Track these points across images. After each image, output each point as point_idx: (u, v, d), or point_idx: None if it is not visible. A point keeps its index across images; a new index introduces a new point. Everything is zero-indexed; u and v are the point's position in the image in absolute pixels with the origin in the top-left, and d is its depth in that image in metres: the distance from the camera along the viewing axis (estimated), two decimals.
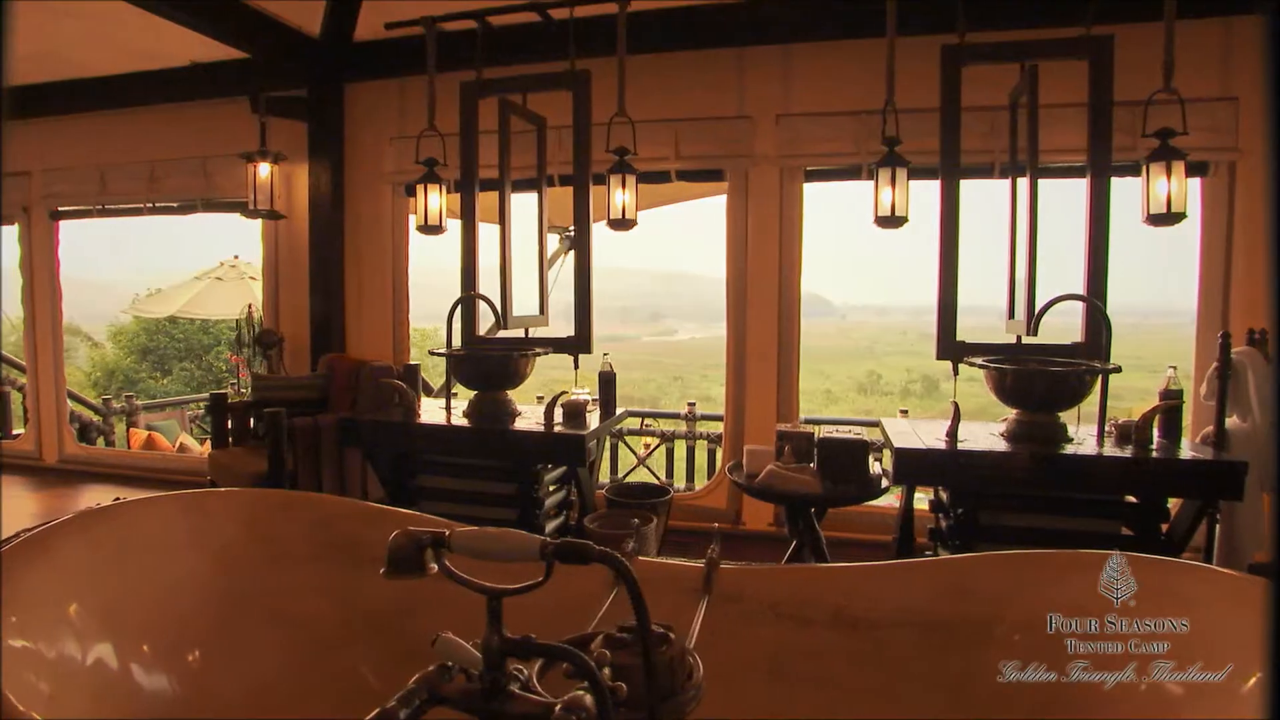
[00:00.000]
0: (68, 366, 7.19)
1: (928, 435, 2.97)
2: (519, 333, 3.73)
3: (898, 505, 3.43)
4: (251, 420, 3.96)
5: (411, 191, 4.40)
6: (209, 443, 7.05)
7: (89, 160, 5.30)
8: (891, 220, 3.30)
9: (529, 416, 3.33)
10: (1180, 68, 2.91)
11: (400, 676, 1.94)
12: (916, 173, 3.30)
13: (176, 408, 9.00)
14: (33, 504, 4.92)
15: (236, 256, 8.64)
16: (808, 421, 3.88)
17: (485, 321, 3.72)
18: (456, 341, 3.43)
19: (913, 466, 2.82)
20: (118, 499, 2.53)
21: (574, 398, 3.24)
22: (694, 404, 5.58)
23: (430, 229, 3.81)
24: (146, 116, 5.15)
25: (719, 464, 5.49)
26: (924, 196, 3.45)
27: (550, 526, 3.30)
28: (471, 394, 3.42)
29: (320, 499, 2.05)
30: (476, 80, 3.75)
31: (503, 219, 3.67)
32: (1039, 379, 2.86)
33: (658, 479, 5.49)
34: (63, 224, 5.54)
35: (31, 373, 5.71)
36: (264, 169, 4.40)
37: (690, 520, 3.92)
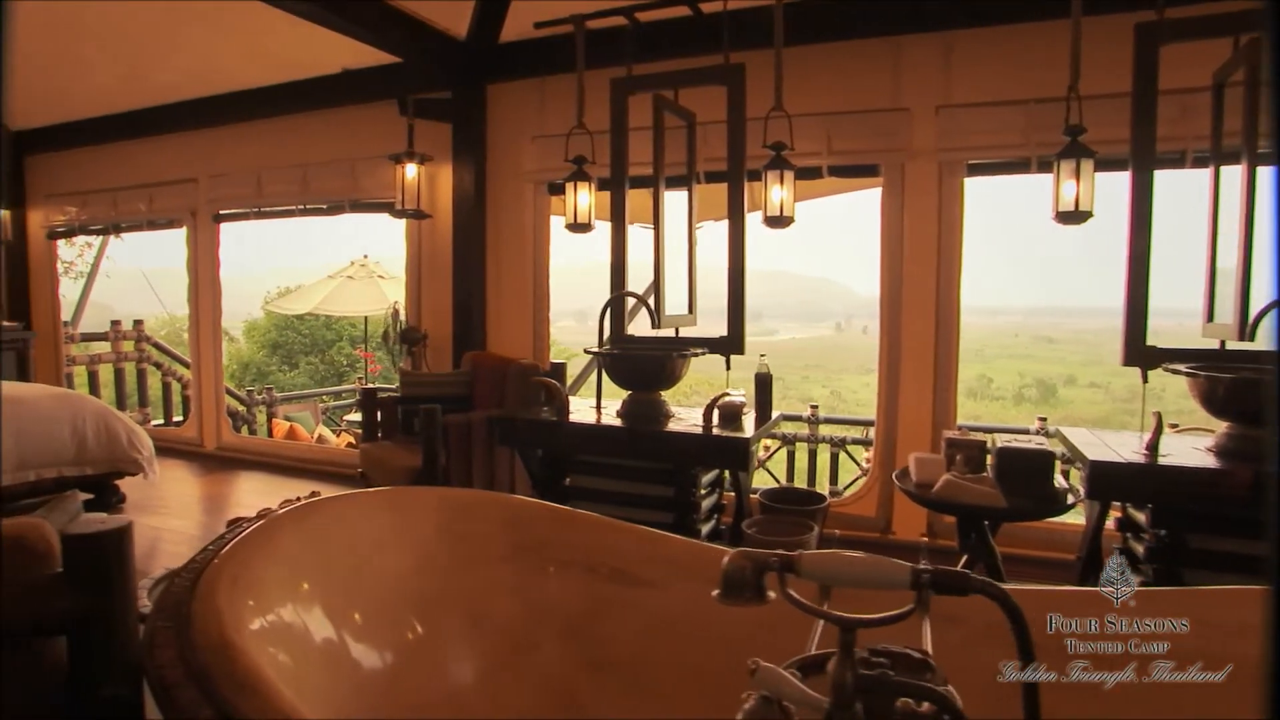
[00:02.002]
0: None
1: (1121, 447, 2.73)
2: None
3: (1077, 521, 3.19)
4: (400, 415, 4.04)
5: (555, 190, 4.45)
6: (343, 434, 7.37)
7: (247, 166, 5.59)
8: (1075, 215, 3.05)
9: (682, 418, 3.26)
10: None
11: (591, 683, 1.92)
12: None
13: (309, 400, 9.41)
14: (197, 487, 5.22)
15: (366, 256, 8.98)
16: (969, 429, 3.66)
17: (633, 320, 3.68)
18: (587, 342, 3.40)
19: (1110, 481, 2.59)
20: (314, 493, 2.58)
21: (730, 399, 3.14)
22: (816, 406, 5.42)
23: (579, 227, 3.80)
24: (299, 123, 5.39)
25: (838, 468, 5.32)
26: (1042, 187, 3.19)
27: (704, 531, 3.22)
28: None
29: (508, 499, 2.02)
30: (627, 77, 3.71)
31: (657, 216, 3.62)
32: (1263, 389, 2.57)
33: (777, 480, 5.36)
34: (222, 226, 5.86)
35: (195, 366, 6.07)
36: (411, 170, 4.51)
37: (837, 527, 3.78)
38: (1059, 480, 2.86)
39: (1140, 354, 2.97)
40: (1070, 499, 2.78)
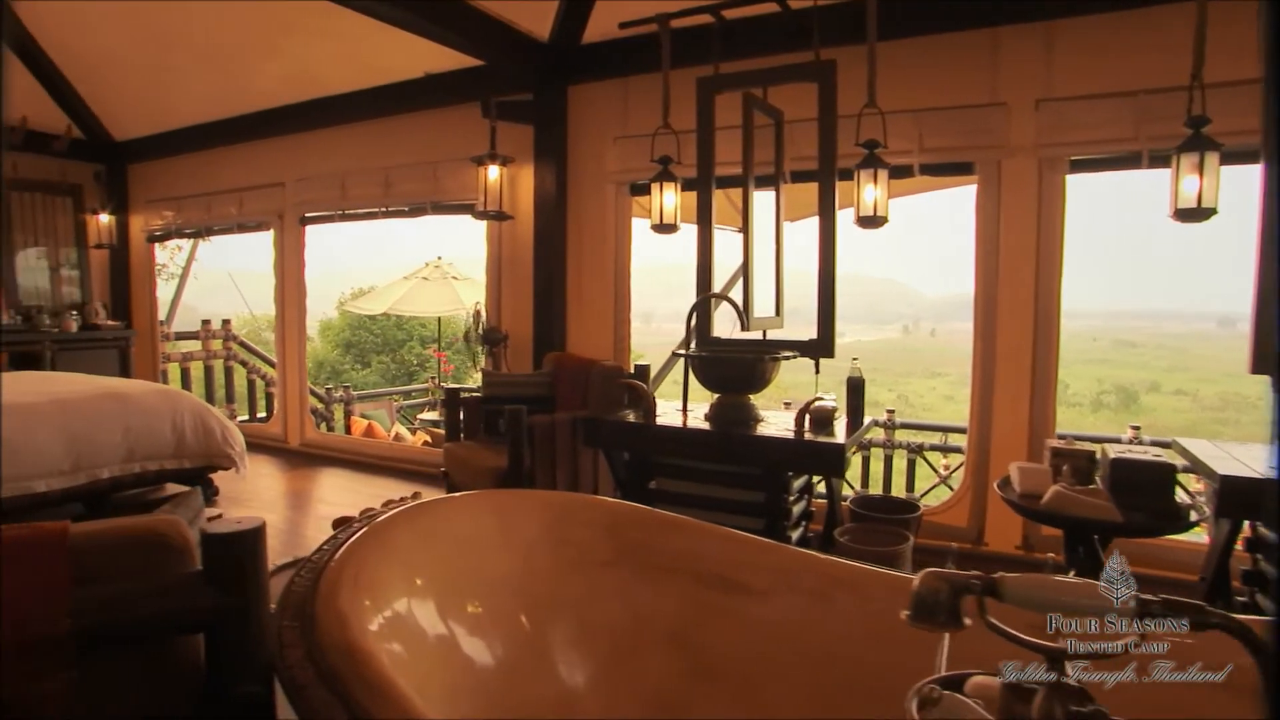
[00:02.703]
0: None
1: (1253, 461, 2.55)
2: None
3: (1194, 540, 3.00)
4: (482, 415, 4.07)
5: (637, 190, 4.43)
6: (419, 433, 7.50)
7: (332, 169, 5.73)
8: (1197, 213, 2.88)
9: (771, 422, 3.19)
10: None
11: (697, 693, 1.87)
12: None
13: (384, 398, 9.62)
14: (283, 482, 5.37)
15: (440, 258, 9.13)
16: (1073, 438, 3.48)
17: (722, 322, 3.62)
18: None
19: (1245, 499, 2.41)
20: (416, 494, 2.60)
21: (823, 404, 3.06)
22: (892, 411, 5.27)
23: (664, 228, 3.76)
24: (382, 126, 5.50)
25: (915, 474, 5.15)
26: (1123, 185, 2.99)
27: (793, 537, 3.14)
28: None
29: (610, 503, 1.99)
30: (714, 75, 3.66)
31: (746, 217, 3.55)
32: None
33: (852, 488, 5.22)
34: (307, 228, 6.03)
35: (280, 365, 6.26)
36: (493, 172, 4.54)
37: (925, 537, 3.64)
38: (1179, 495, 2.69)
39: (1272, 361, 2.77)
40: (1194, 516, 2.61)
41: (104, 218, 7.11)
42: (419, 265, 9.11)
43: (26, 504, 3.86)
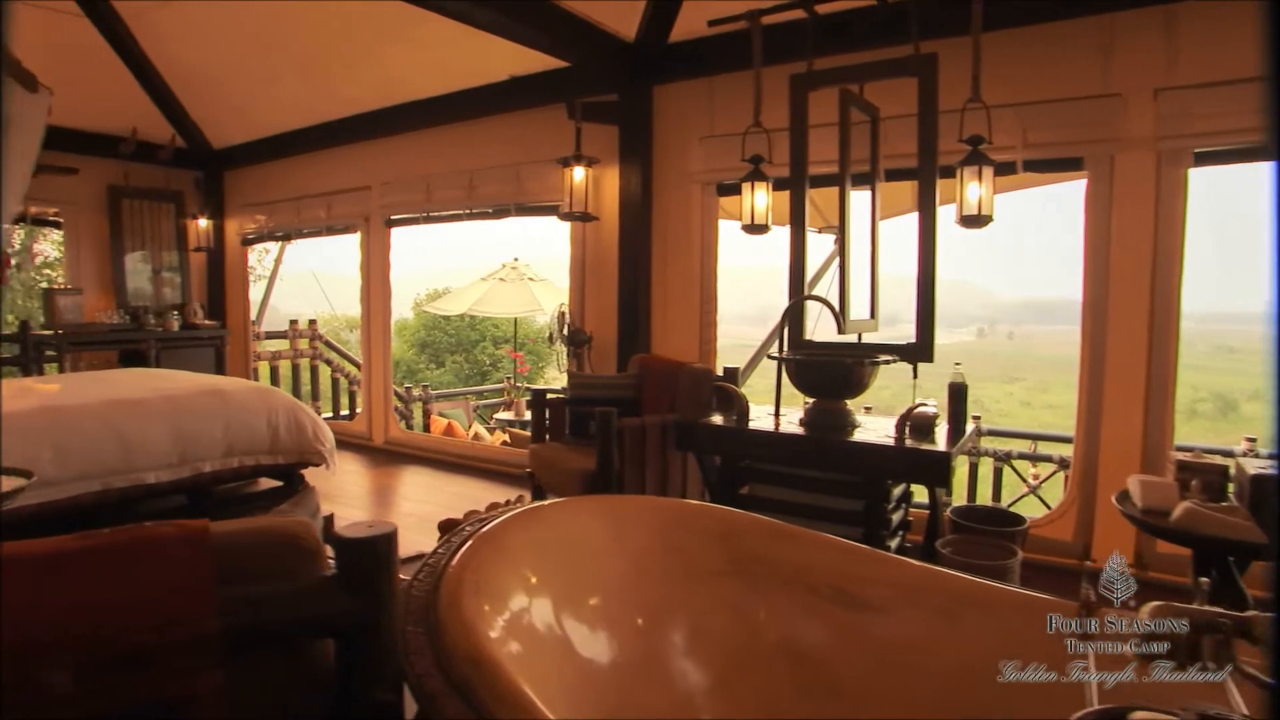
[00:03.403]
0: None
1: None
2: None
3: None
4: (568, 416, 4.07)
5: (724, 191, 4.37)
6: (497, 432, 7.59)
7: (417, 173, 5.84)
8: None
9: (868, 427, 3.08)
10: None
11: (814, 710, 1.80)
12: None
13: (460, 397, 9.77)
14: (369, 479, 5.49)
15: (516, 259, 9.22)
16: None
17: (816, 324, 3.53)
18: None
19: None
20: (521, 496, 2.59)
21: (924, 410, 2.94)
22: (979, 417, 5.05)
23: (755, 228, 3.69)
24: (466, 130, 5.56)
25: (1001, 484, 4.93)
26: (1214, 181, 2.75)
27: (891, 547, 3.02)
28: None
29: (722, 511, 1.94)
30: (807, 72, 3.56)
31: (843, 216, 3.46)
32: None
33: (946, 498, 5.03)
34: (392, 230, 6.16)
35: (365, 364, 6.41)
36: (578, 173, 4.54)
37: (1027, 551, 3.47)
38: None
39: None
40: None
41: (202, 222, 7.42)
42: (496, 267, 9.23)
43: (140, 494, 4.03)
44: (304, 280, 15.36)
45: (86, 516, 3.90)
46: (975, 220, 3.19)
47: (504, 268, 9.02)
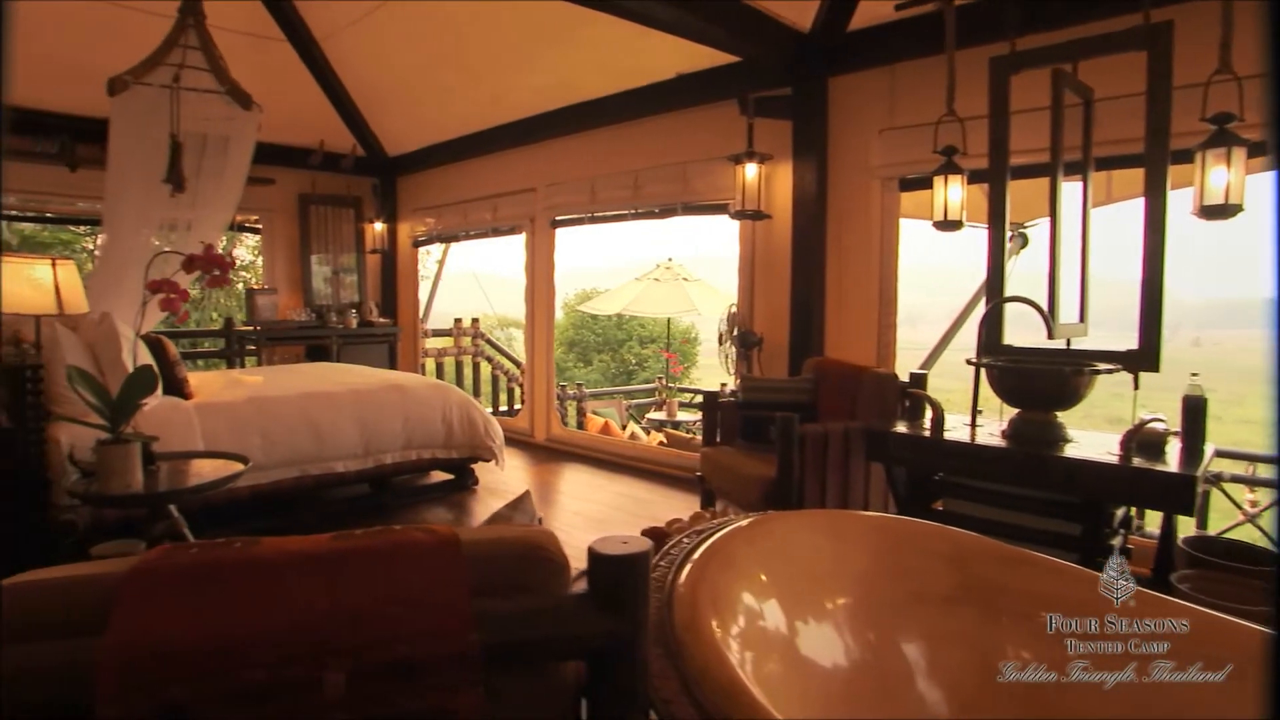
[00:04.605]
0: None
1: None
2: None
3: None
4: (740, 420, 3.95)
5: (906, 186, 4.13)
6: (653, 433, 7.59)
7: (582, 174, 5.90)
8: None
9: (1080, 442, 2.79)
10: None
11: None
12: None
13: (611, 396, 9.88)
14: (533, 475, 5.60)
15: (670, 259, 9.21)
16: None
17: (1017, 328, 3.24)
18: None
19: None
20: (725, 506, 2.51)
21: (1155, 425, 2.61)
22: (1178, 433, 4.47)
23: (948, 224, 3.44)
24: (631, 129, 5.56)
25: (1208, 509, 4.34)
26: None
27: None
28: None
29: (951, 532, 1.77)
30: (1011, 54, 3.28)
31: (1053, 209, 3.15)
32: None
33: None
34: (557, 231, 6.28)
35: (528, 362, 6.58)
36: (751, 170, 4.42)
37: None
38: None
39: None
40: None
41: (378, 226, 7.87)
42: (650, 267, 9.25)
43: (331, 482, 4.28)
44: (462, 280, 16.10)
45: (286, 501, 4.19)
46: (1220, 210, 2.81)
47: (658, 268, 9.03)
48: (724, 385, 8.37)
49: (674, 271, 8.89)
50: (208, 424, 3.87)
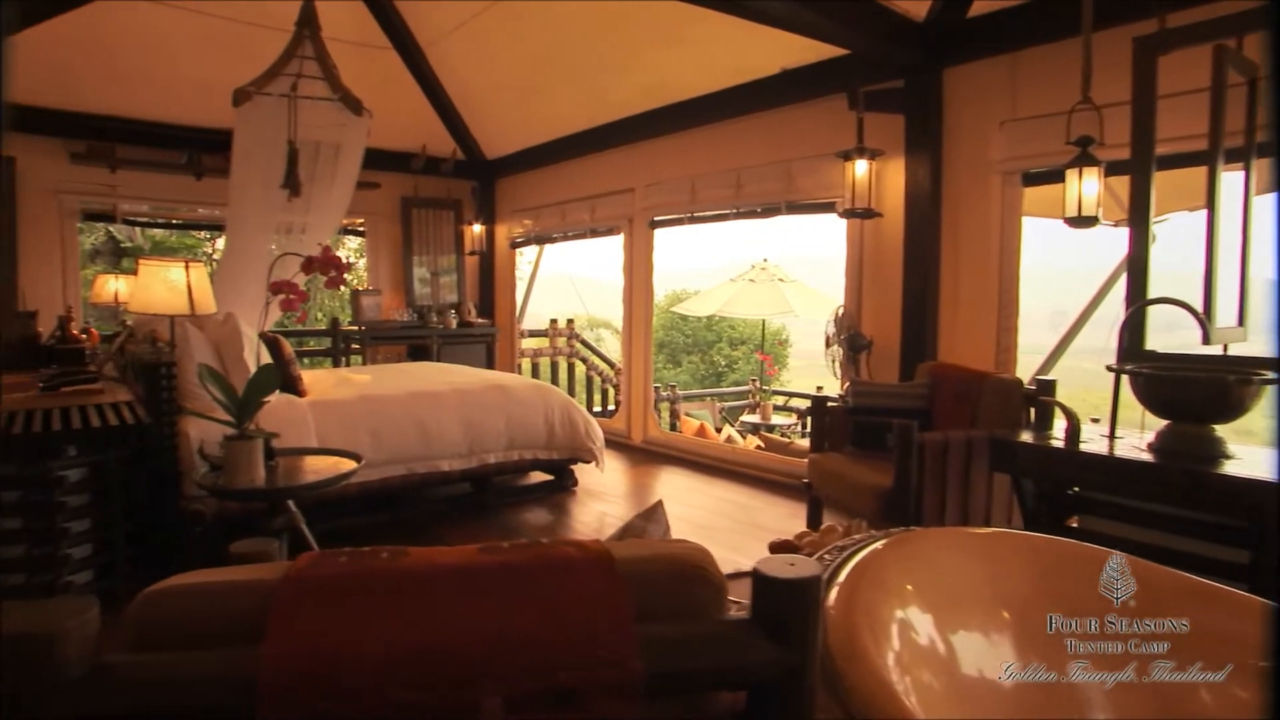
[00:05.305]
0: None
1: None
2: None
3: None
4: (851, 426, 3.80)
5: (1029, 180, 3.90)
6: (749, 436, 7.46)
7: (681, 173, 5.84)
8: None
9: (1243, 458, 2.53)
10: None
11: None
12: None
13: (705, 398, 9.78)
14: (631, 477, 5.57)
15: (765, 260, 9.05)
16: None
17: (1162, 332, 2.99)
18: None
19: None
20: (862, 523, 2.39)
21: None
22: None
23: (1083, 221, 3.21)
24: (733, 127, 5.47)
25: None
26: None
27: None
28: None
29: (1122, 559, 1.60)
30: (1159, 32, 3.02)
31: (1211, 202, 2.88)
32: None
33: None
34: (655, 232, 6.23)
35: (625, 364, 6.56)
36: (861, 166, 4.25)
37: None
38: None
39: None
40: None
41: (477, 228, 8.02)
42: (743, 268, 9.12)
43: (436, 480, 4.35)
44: (553, 282, 16.31)
45: (393, 498, 4.27)
46: None
47: (753, 269, 8.90)
48: (819, 388, 8.20)
49: (769, 272, 8.74)
50: (321, 421, 3.98)
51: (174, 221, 8.35)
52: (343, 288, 4.05)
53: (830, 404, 3.93)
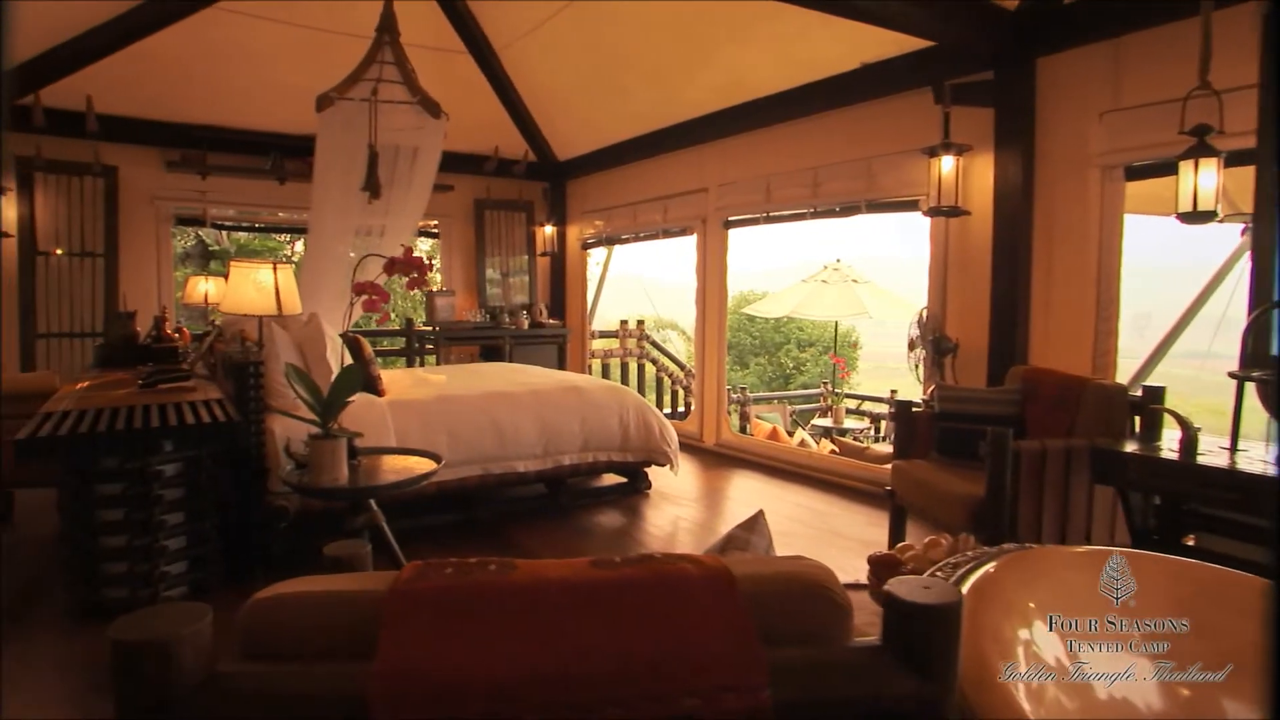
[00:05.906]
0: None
1: None
2: None
3: None
4: (936, 433, 3.65)
5: (1132, 174, 3.68)
6: (823, 440, 7.30)
7: (756, 172, 5.74)
8: None
9: None
10: None
11: None
12: None
13: (776, 401, 9.63)
14: (704, 480, 5.50)
15: (839, 260, 8.86)
16: None
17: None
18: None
19: None
20: (968, 535, 2.29)
21: None
22: None
23: (1199, 216, 3.00)
24: (810, 124, 5.34)
25: None
26: None
27: None
28: None
29: (1258, 585, 1.46)
30: None
31: None
32: None
33: None
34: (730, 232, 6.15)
35: (699, 366, 6.49)
36: (947, 163, 4.09)
37: None
38: None
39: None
40: None
41: (548, 229, 8.06)
42: (815, 269, 8.95)
43: (512, 481, 4.36)
44: (621, 283, 16.32)
45: (468, 498, 4.30)
46: None
47: (825, 269, 8.71)
48: (893, 392, 7.97)
49: (842, 273, 8.54)
50: (399, 421, 4.03)
51: (257, 225, 8.64)
52: (421, 289, 4.10)
53: (914, 409, 3.78)
